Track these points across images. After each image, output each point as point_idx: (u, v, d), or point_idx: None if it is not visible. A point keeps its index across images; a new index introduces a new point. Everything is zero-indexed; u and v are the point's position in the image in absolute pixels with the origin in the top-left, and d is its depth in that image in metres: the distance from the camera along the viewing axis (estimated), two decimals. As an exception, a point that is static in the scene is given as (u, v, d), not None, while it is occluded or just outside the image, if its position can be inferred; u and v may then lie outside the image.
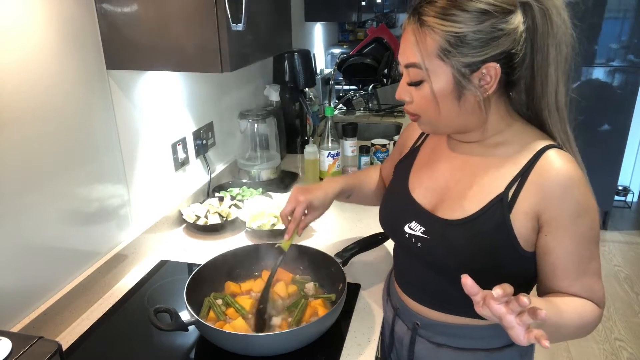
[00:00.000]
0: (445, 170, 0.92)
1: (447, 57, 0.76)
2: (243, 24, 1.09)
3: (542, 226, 0.81)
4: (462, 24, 0.74)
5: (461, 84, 0.78)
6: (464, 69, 0.77)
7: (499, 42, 0.75)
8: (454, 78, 0.78)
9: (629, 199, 3.99)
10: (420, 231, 0.91)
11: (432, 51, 0.77)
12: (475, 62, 0.76)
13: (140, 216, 1.33)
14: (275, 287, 1.12)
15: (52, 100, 1.00)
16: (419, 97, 0.82)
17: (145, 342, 1.04)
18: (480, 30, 0.74)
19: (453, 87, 0.78)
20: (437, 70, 0.78)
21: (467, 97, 0.79)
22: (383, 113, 2.87)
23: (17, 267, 0.95)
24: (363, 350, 0.98)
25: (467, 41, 0.75)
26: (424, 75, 0.79)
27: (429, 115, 0.84)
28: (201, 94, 1.61)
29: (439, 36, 0.75)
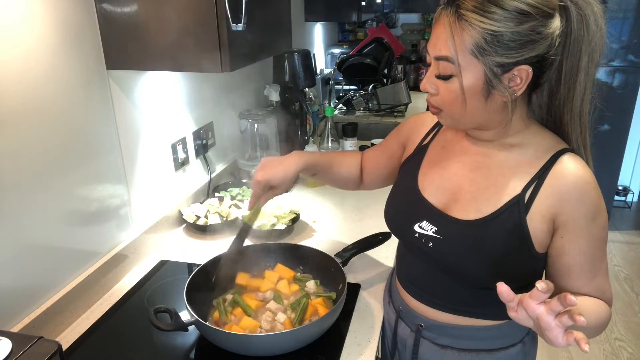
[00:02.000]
0: (458, 170, 0.91)
1: (482, 55, 0.74)
2: (243, 24, 1.09)
3: (558, 228, 0.81)
4: (501, 23, 0.72)
5: (491, 83, 0.77)
6: (496, 69, 0.75)
7: (535, 45, 0.74)
8: (485, 76, 0.76)
9: (629, 199, 3.99)
10: (432, 231, 0.90)
11: (466, 47, 0.75)
12: (508, 63, 0.75)
13: (140, 216, 1.33)
14: (279, 285, 1.12)
15: (52, 100, 1.00)
16: (446, 90, 0.80)
17: (145, 342, 1.04)
18: (519, 31, 0.73)
19: (483, 85, 0.77)
20: (469, 66, 0.76)
21: (495, 96, 0.78)
22: (383, 113, 2.87)
23: (17, 267, 0.95)
24: (363, 350, 0.98)
25: (503, 41, 0.73)
26: (455, 70, 0.77)
27: (453, 111, 0.82)
28: (201, 94, 1.61)
29: (476, 32, 0.73)
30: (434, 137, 1.01)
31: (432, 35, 0.81)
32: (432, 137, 1.01)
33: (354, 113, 2.93)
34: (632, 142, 3.74)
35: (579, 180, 0.79)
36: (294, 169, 1.09)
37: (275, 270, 1.18)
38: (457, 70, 0.77)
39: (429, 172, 0.96)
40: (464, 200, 0.88)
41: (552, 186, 0.80)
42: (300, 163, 1.10)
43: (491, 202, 0.84)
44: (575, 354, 2.43)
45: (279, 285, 1.12)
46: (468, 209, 0.87)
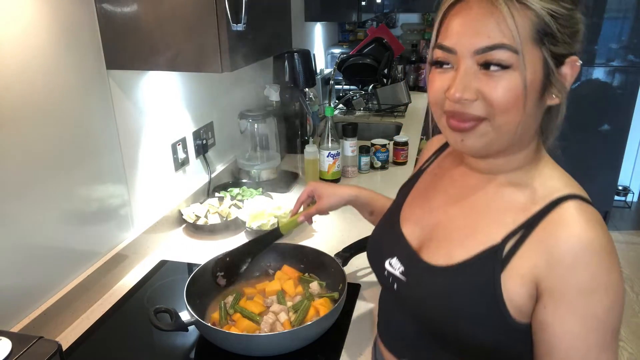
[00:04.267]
0: (441, 203, 0.78)
1: (542, 41, 0.62)
2: (243, 24, 1.09)
3: (542, 295, 0.64)
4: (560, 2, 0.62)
5: (549, 78, 0.63)
6: (552, 61, 0.63)
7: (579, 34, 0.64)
8: (544, 69, 0.63)
9: (629, 199, 3.99)
10: (399, 271, 0.77)
11: (527, 31, 0.61)
12: (563, 54, 0.63)
13: (140, 216, 1.33)
14: (285, 285, 1.12)
15: (52, 100, 1.00)
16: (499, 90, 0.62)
17: (145, 342, 1.04)
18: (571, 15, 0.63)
19: (541, 80, 0.63)
20: (530, 56, 0.62)
21: (544, 99, 0.65)
22: (383, 113, 2.87)
23: (17, 267, 0.95)
24: (363, 350, 0.98)
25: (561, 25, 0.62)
26: (516, 61, 0.61)
27: (506, 117, 0.64)
28: (201, 94, 1.61)
29: (536, 13, 0.61)
30: (432, 162, 0.89)
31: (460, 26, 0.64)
32: (431, 162, 0.89)
33: (354, 113, 2.93)
34: (632, 142, 3.74)
35: (575, 237, 0.61)
36: (346, 192, 1.10)
37: (283, 271, 1.18)
38: (520, 60, 0.61)
39: (413, 203, 0.85)
40: (437, 240, 0.75)
41: (540, 241, 0.64)
42: (353, 191, 1.10)
43: (464, 248, 0.70)
44: None
45: (285, 285, 1.12)
46: (439, 252, 0.73)
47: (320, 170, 1.83)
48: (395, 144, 2.05)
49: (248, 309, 1.04)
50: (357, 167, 1.96)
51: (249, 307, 1.05)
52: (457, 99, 0.64)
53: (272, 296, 1.10)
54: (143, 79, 1.30)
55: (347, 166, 1.93)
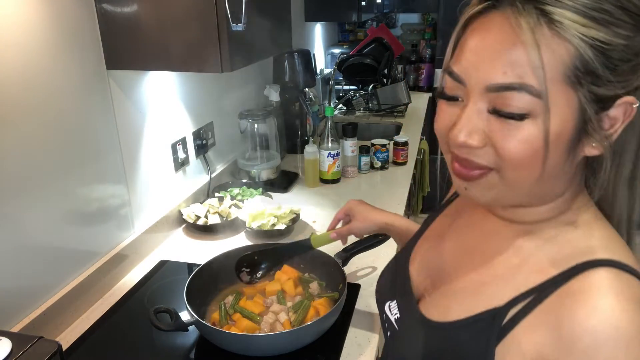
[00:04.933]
0: (452, 246, 0.68)
1: (580, 83, 0.46)
2: (243, 24, 1.09)
3: None
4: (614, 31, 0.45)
5: (585, 127, 0.48)
6: (594, 105, 0.47)
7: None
8: (579, 117, 0.48)
9: (629, 199, 3.99)
10: (394, 317, 0.70)
11: (558, 69, 0.46)
12: (610, 97, 0.47)
13: (140, 216, 1.33)
14: (285, 284, 1.12)
15: (52, 100, 1.00)
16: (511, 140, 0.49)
17: (145, 342, 1.04)
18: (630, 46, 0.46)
19: (573, 130, 0.48)
20: (558, 101, 0.47)
21: (578, 150, 0.50)
22: (383, 113, 2.87)
23: (17, 267, 0.95)
24: (363, 350, 0.98)
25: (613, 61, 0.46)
26: (537, 107, 0.47)
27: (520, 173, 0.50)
28: (201, 94, 1.61)
29: (575, 46, 0.45)
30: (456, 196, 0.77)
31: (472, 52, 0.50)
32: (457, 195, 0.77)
33: (354, 113, 2.94)
34: None
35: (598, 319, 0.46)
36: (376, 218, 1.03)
37: (283, 271, 1.18)
38: (541, 106, 0.46)
39: (426, 241, 0.75)
40: (438, 290, 0.65)
41: (552, 312, 0.50)
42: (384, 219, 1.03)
43: (463, 305, 0.59)
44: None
45: (285, 284, 1.12)
46: (437, 304, 0.64)
47: (320, 170, 1.83)
48: (395, 144, 2.05)
49: (248, 309, 1.04)
50: (357, 167, 1.96)
51: (249, 307, 1.06)
52: (459, 143, 0.51)
53: (272, 296, 1.10)
54: (143, 79, 1.30)
55: (347, 166, 1.93)
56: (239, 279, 1.09)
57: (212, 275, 1.12)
